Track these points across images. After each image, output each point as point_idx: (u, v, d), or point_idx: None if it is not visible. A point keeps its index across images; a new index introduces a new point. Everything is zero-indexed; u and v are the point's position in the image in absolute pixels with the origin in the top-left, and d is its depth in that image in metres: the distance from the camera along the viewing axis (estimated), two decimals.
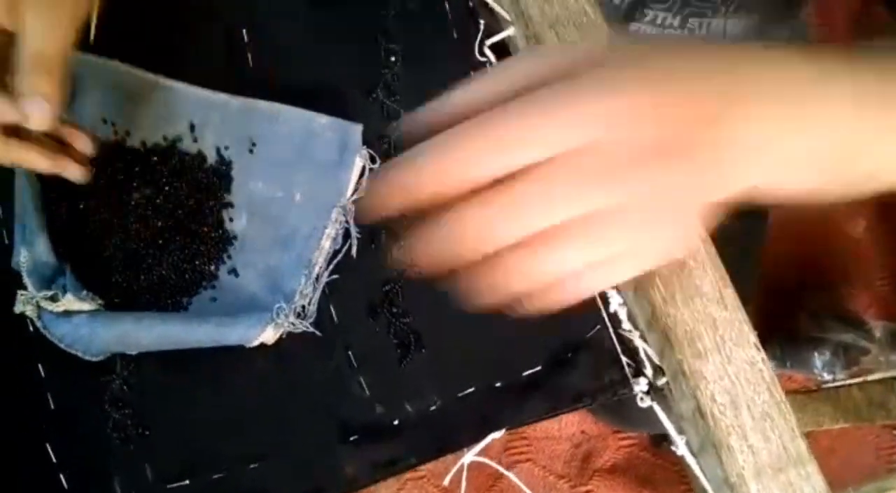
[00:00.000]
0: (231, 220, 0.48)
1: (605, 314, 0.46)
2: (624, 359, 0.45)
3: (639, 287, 0.43)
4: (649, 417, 0.44)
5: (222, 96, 0.48)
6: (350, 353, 0.45)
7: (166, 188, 0.48)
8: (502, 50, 0.53)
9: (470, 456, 0.43)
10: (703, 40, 0.58)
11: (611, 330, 0.45)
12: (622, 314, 0.45)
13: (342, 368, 0.45)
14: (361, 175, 0.47)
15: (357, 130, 0.47)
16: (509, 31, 0.51)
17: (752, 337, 0.41)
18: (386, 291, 0.46)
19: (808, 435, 0.41)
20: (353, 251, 0.47)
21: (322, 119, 0.48)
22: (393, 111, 0.51)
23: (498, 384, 0.44)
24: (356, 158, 0.47)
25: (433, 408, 0.44)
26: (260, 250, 0.47)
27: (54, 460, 0.43)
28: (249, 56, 0.51)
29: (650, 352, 0.44)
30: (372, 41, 0.53)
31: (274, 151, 0.48)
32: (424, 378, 0.45)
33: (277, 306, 0.44)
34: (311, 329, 0.45)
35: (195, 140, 0.48)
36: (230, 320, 0.43)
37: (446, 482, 0.42)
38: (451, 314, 0.46)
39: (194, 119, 0.48)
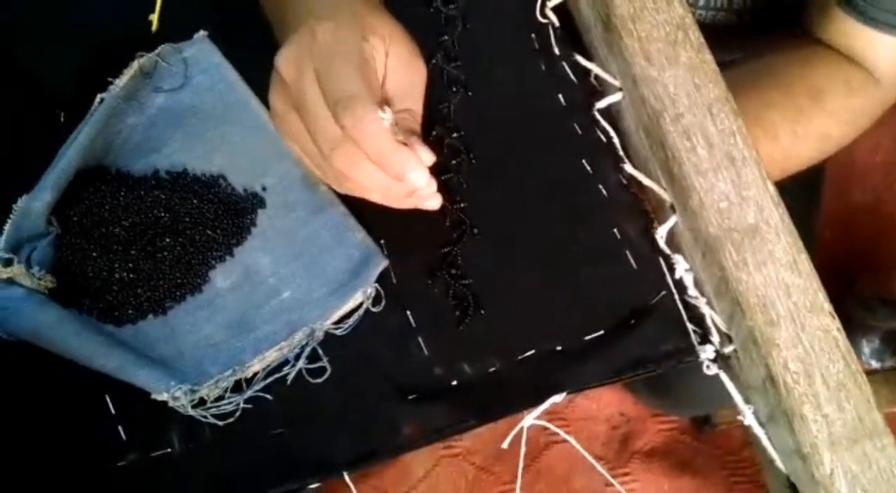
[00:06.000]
0: (218, 272, 0.46)
1: (670, 280, 0.44)
2: (690, 326, 0.44)
3: (708, 252, 0.42)
4: (701, 394, 0.43)
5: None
6: (409, 313, 0.45)
7: (193, 210, 0.47)
8: (564, 11, 0.52)
9: (530, 420, 0.42)
10: None
11: (676, 296, 0.44)
12: (688, 281, 0.44)
13: (401, 328, 0.44)
14: (356, 309, 0.44)
15: (381, 264, 0.45)
16: None
17: (827, 305, 0.40)
18: (444, 253, 0.46)
19: None
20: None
21: (358, 234, 0.46)
22: (453, 76, 0.50)
23: (559, 348, 0.44)
24: (359, 292, 0.44)
25: (492, 370, 0.43)
26: (223, 313, 0.45)
27: (113, 411, 0.43)
28: None
29: (717, 319, 0.43)
30: (430, 5, 0.52)
31: (297, 240, 0.47)
32: (483, 340, 0.44)
33: (175, 384, 0.41)
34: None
35: (263, 188, 0.48)
36: (137, 365, 0.42)
37: (505, 445, 0.42)
38: (511, 277, 0.46)
39: (265, 178, 0.48)
